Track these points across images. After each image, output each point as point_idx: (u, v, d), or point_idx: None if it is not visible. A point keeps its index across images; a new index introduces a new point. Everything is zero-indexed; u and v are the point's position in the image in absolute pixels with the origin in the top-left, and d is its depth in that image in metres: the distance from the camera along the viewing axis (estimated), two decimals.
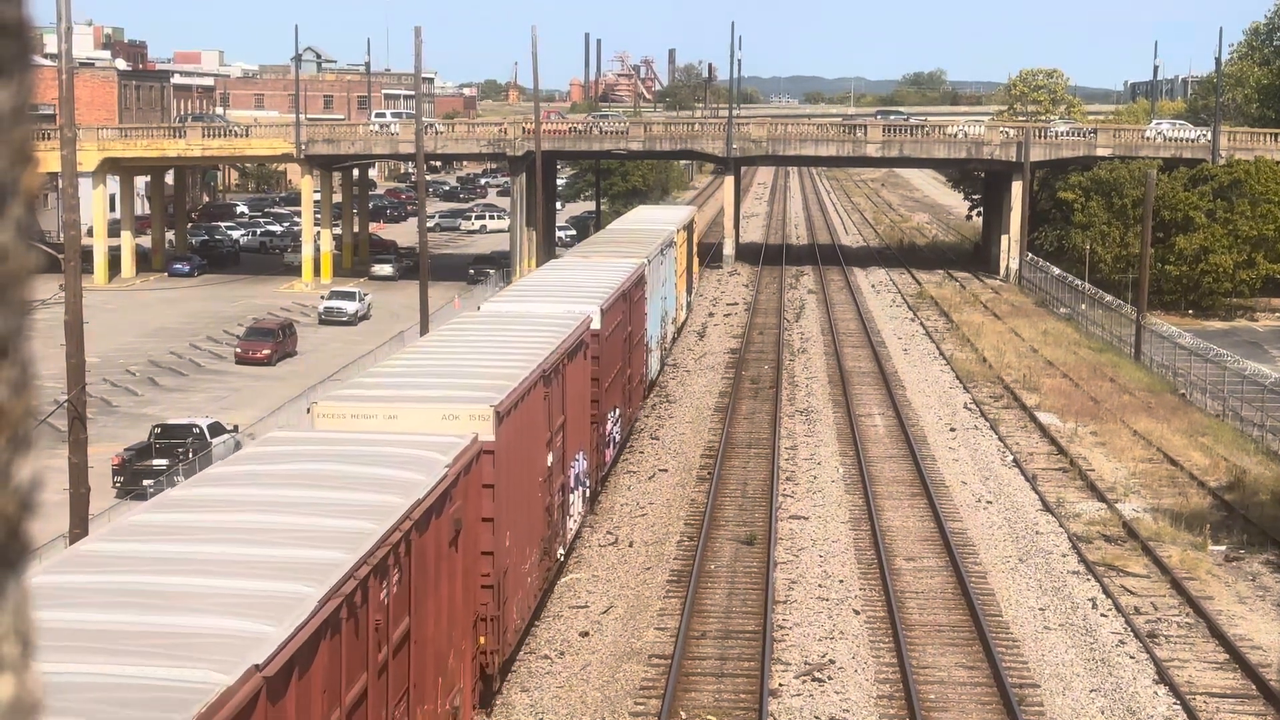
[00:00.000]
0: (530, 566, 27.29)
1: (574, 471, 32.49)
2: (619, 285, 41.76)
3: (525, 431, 26.15)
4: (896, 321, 75.35)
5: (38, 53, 8.86)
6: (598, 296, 38.73)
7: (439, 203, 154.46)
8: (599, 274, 43.97)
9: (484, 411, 23.56)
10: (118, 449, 44.53)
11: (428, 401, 24.24)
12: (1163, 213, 79.87)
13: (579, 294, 39.25)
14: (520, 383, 26.01)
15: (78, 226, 27.82)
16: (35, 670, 1.79)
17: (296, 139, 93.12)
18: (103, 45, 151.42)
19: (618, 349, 40.85)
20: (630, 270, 45.40)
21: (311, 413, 24.30)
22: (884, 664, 28.05)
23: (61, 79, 27.09)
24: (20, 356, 1.77)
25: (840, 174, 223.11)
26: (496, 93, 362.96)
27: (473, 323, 35.38)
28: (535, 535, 27.82)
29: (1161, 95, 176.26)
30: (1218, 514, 38.95)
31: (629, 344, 43.60)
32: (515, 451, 25.15)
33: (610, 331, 38.69)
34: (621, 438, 42.92)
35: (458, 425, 23.21)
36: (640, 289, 46.82)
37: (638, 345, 46.35)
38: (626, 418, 43.64)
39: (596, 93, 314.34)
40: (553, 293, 39.95)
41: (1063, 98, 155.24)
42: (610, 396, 39.04)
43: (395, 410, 23.78)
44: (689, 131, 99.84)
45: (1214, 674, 27.95)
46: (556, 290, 40.44)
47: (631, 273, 45.11)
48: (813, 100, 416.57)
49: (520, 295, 40.47)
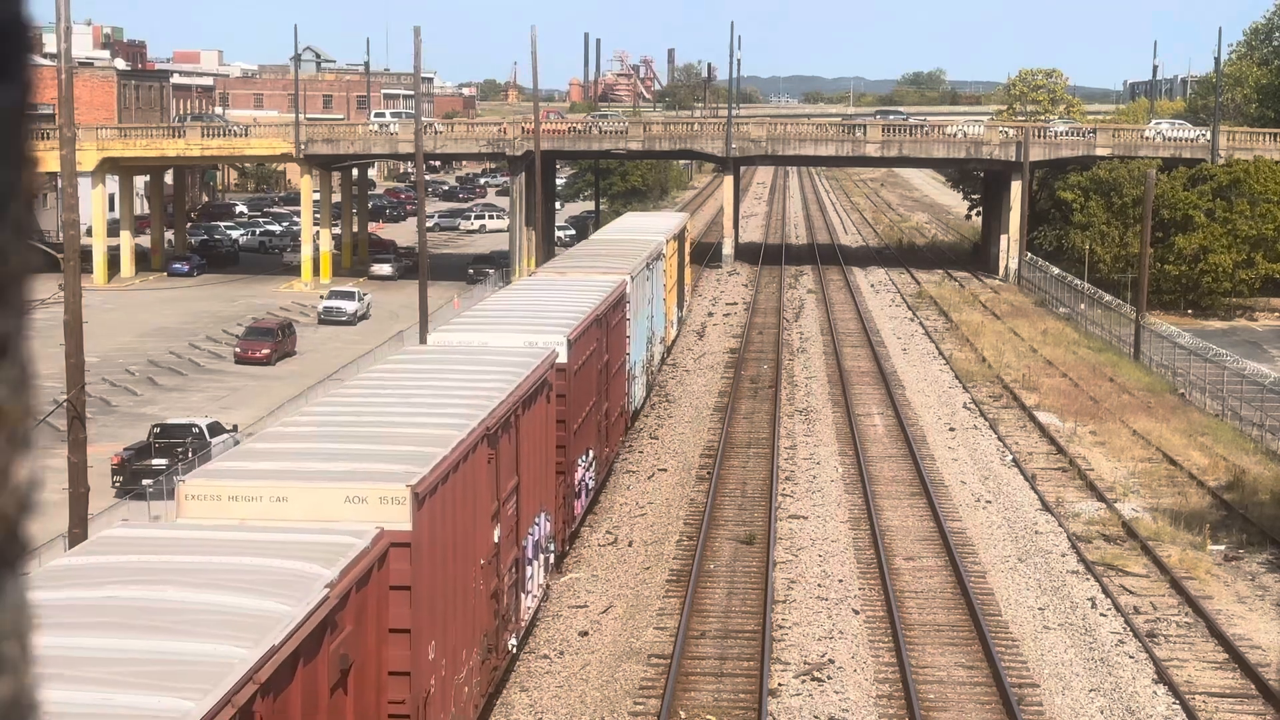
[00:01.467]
0: (468, 673, 22.27)
1: (532, 539, 27.37)
2: (594, 309, 37.23)
3: (459, 508, 21.34)
4: (896, 321, 75.34)
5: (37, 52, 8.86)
6: (566, 324, 34.14)
7: (438, 202, 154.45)
8: (572, 295, 39.51)
9: (397, 493, 18.68)
10: (117, 449, 44.52)
11: (328, 479, 19.20)
12: (1162, 212, 79.86)
13: (545, 321, 34.72)
14: (454, 447, 21.26)
15: (77, 226, 27.81)
16: (34, 670, 1.79)
17: (296, 139, 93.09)
18: (102, 45, 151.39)
19: (591, 383, 36.36)
20: (608, 290, 40.75)
21: (178, 494, 19.15)
22: (883, 664, 28.05)
23: (61, 78, 27.08)
24: (20, 356, 1.77)
25: (839, 174, 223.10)
26: (496, 92, 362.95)
27: (414, 361, 30.32)
28: (474, 634, 22.69)
29: (1161, 95, 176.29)
30: (1217, 513, 38.95)
31: (606, 375, 38.95)
32: (443, 537, 20.35)
33: (582, 364, 34.19)
34: (597, 482, 38.05)
35: (364, 511, 18.53)
36: (621, 310, 42.27)
37: (617, 375, 41.50)
38: (603, 459, 38.81)
39: (596, 92, 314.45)
40: (515, 319, 35.47)
41: (1062, 97, 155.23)
42: (581, 439, 34.32)
43: (285, 490, 18.88)
44: (688, 131, 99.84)
45: (1213, 673, 27.95)
46: (520, 316, 36.08)
47: (610, 293, 40.46)
48: (812, 100, 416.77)
49: (477, 323, 35.26)
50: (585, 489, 35.41)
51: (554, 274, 46.55)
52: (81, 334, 27.88)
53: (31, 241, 1.79)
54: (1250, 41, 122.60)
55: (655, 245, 54.34)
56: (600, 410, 37.87)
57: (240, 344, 65.47)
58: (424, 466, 19.81)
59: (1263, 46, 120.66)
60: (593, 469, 36.47)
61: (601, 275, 44.04)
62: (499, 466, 24.21)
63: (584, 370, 34.63)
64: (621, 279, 43.37)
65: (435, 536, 19.95)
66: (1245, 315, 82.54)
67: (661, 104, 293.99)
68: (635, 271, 46.09)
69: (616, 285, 42.10)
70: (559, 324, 34.04)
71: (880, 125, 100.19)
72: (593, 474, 36.56)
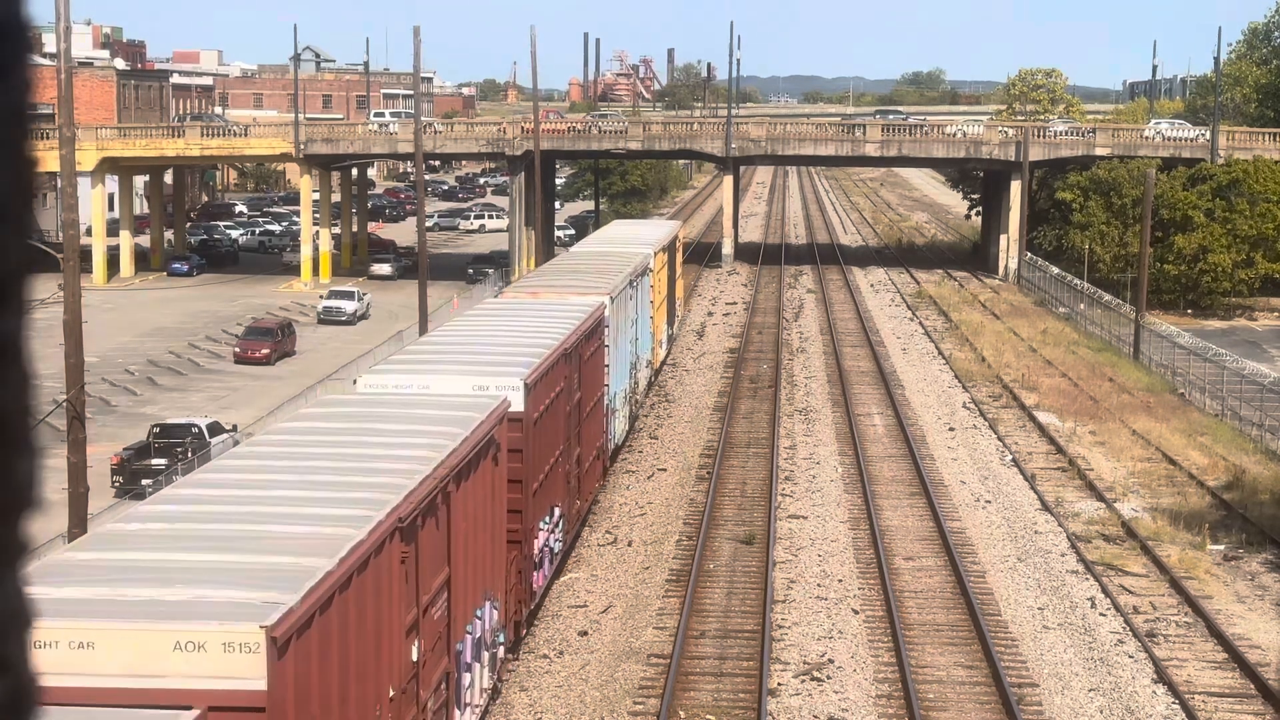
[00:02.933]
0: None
1: (471, 639, 22.56)
2: (563, 341, 32.30)
3: (353, 637, 16.62)
4: (895, 321, 75.36)
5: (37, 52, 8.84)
6: (526, 362, 28.98)
7: (438, 202, 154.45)
8: (540, 322, 34.52)
9: (247, 635, 14.06)
10: (116, 448, 44.54)
11: (152, 616, 14.36)
12: (1161, 212, 79.87)
13: (502, 359, 29.52)
14: (345, 556, 16.28)
15: (76, 226, 27.82)
16: (34, 668, 1.79)
17: (295, 138, 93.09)
18: (101, 45, 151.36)
19: (557, 429, 31.31)
20: (583, 315, 35.90)
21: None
22: (883, 663, 28.06)
23: (60, 78, 27.08)
24: (20, 356, 1.77)
25: (839, 173, 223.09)
26: (495, 92, 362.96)
27: (330, 417, 24.32)
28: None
29: (1160, 95, 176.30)
30: (1216, 513, 38.96)
31: (578, 415, 34.16)
32: (324, 687, 15.63)
33: (545, 409, 29.32)
34: (567, 542, 33.10)
35: (200, 663, 13.97)
36: (598, 338, 37.59)
37: (592, 413, 36.93)
38: (574, 516, 33.83)
39: (595, 92, 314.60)
40: (467, 357, 29.98)
41: (1061, 97, 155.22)
42: (544, 498, 29.58)
43: (92, 632, 14.07)
44: (688, 131, 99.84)
45: (1213, 673, 27.96)
46: (473, 353, 30.57)
47: (585, 319, 35.59)
48: (811, 100, 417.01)
49: (421, 362, 29.68)
50: (549, 555, 30.28)
51: (525, 294, 41.25)
52: (81, 334, 27.88)
53: (31, 241, 1.80)
54: (1250, 41, 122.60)
55: (641, 259, 49.73)
56: (570, 458, 33.01)
57: (240, 344, 65.46)
58: (294, 592, 14.84)
59: (1262, 46, 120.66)
60: (560, 528, 31.52)
61: (578, 296, 39.45)
62: (419, 563, 19.24)
63: (548, 416, 29.71)
64: (599, 301, 38.74)
65: (309, 690, 15.04)
66: (1245, 315, 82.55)
67: (661, 104, 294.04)
68: (617, 291, 41.55)
69: (593, 309, 37.33)
70: (517, 363, 28.87)
71: (880, 125, 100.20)
72: (560, 534, 31.62)
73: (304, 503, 18.27)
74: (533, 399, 27.84)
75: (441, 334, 34.77)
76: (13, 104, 1.74)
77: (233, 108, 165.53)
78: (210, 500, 18.53)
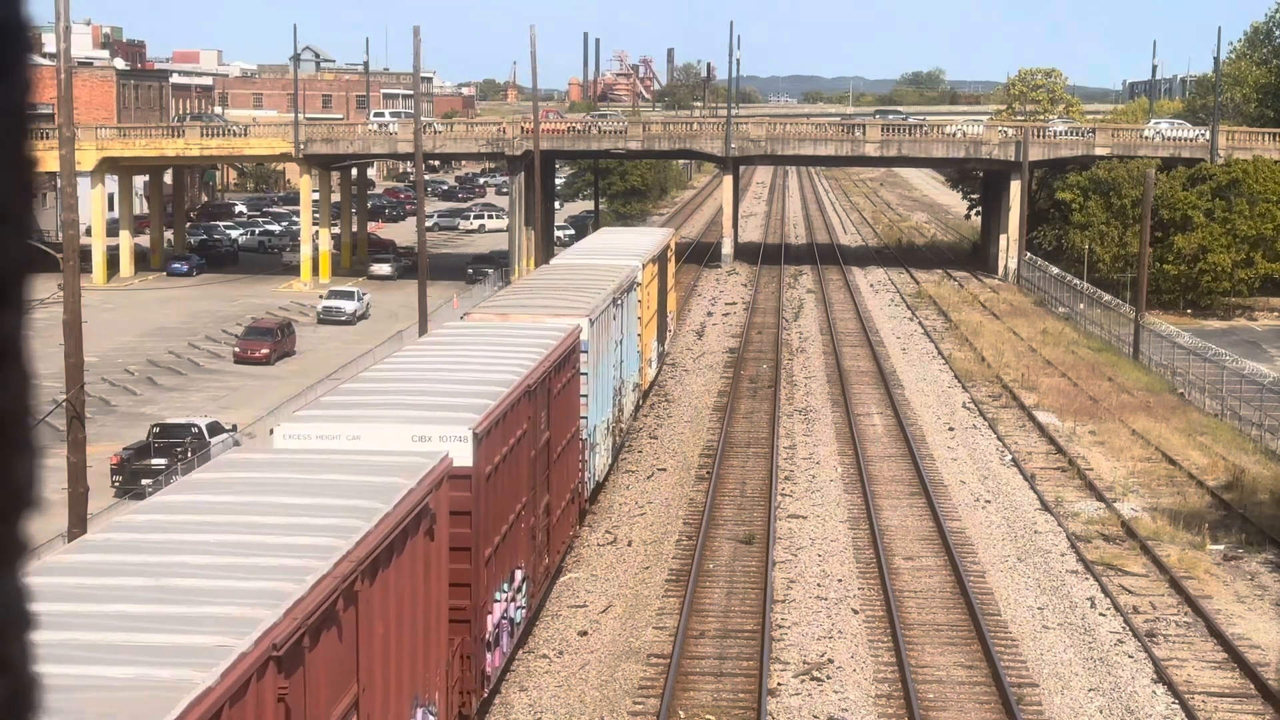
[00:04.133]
0: None
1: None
2: (525, 375, 27.94)
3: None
4: (895, 321, 75.37)
5: (36, 52, 8.76)
6: (477, 406, 24.56)
7: (437, 202, 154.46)
8: (503, 353, 30.21)
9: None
10: (116, 448, 44.55)
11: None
12: (1161, 212, 79.89)
13: (450, 400, 25.09)
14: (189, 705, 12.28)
15: (76, 226, 27.82)
16: (34, 669, 1.79)
17: (295, 138, 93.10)
18: (101, 44, 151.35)
19: (519, 478, 26.93)
20: (555, 341, 31.82)
21: None
22: (882, 663, 28.06)
23: (60, 78, 27.09)
24: (20, 356, 1.77)
25: (839, 173, 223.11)
26: (495, 92, 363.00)
27: (221, 487, 19.22)
28: None
29: (1160, 95, 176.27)
30: (1216, 513, 38.97)
31: (546, 458, 30.00)
32: None
33: (501, 458, 24.91)
34: (532, 609, 28.79)
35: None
36: (572, 365, 33.68)
37: (566, 452, 32.78)
38: (540, 573, 29.47)
39: (595, 92, 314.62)
40: (410, 398, 25.41)
41: (1061, 97, 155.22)
42: (501, 563, 25.13)
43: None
44: (687, 131, 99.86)
45: (1212, 673, 27.96)
46: (418, 392, 26.00)
47: (557, 346, 31.50)
48: (811, 100, 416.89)
49: (353, 406, 24.93)
50: (508, 629, 26.02)
51: (493, 316, 37.02)
52: (81, 334, 27.88)
53: (31, 241, 1.80)
54: (1250, 41, 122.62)
55: (628, 273, 45.97)
56: (537, 509, 28.89)
57: (239, 344, 65.46)
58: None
59: (1262, 46, 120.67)
60: (524, 592, 27.32)
61: (552, 319, 35.37)
62: (309, 694, 15.22)
63: (507, 466, 25.48)
64: (575, 325, 34.84)
65: None
66: (1244, 315, 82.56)
67: (661, 104, 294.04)
68: (598, 311, 37.69)
69: (568, 334, 33.39)
70: (467, 406, 24.42)
71: (879, 125, 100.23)
72: (524, 599, 27.35)
73: (145, 627, 13.83)
74: (484, 450, 23.49)
75: (387, 368, 29.36)
76: (13, 104, 1.74)
77: (232, 108, 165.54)
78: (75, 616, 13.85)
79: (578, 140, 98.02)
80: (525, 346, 30.75)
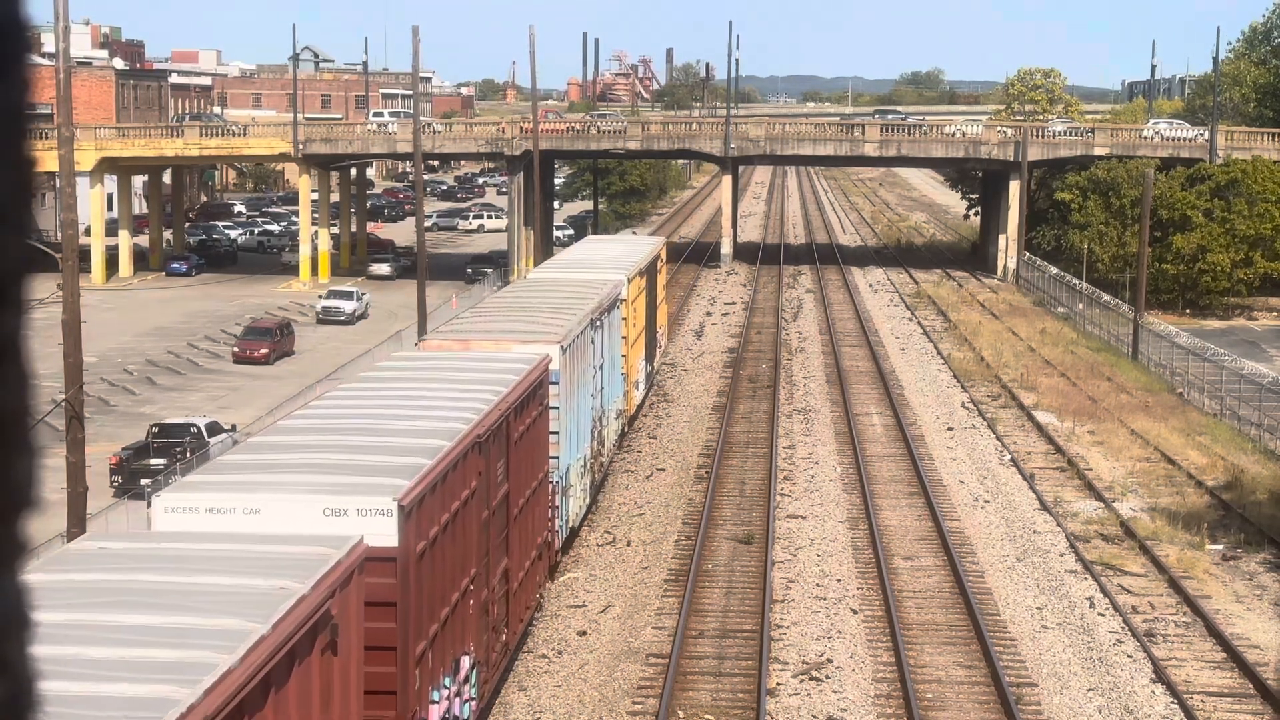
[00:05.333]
0: None
1: None
2: (475, 425, 23.18)
3: None
4: (894, 321, 75.38)
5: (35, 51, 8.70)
6: (408, 468, 20.12)
7: (437, 202, 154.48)
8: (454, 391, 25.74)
9: None
10: (115, 448, 44.54)
11: None
12: (1160, 212, 79.89)
13: (378, 459, 20.59)
14: None
15: (75, 226, 27.82)
16: (34, 669, 1.79)
17: (294, 138, 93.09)
18: (100, 44, 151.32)
19: (465, 547, 22.50)
20: (515, 379, 27.03)
21: None
22: (882, 663, 28.07)
23: (59, 78, 27.08)
24: (19, 356, 1.77)
25: (838, 173, 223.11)
26: (494, 92, 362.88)
27: (53, 600, 14.16)
28: None
29: (1159, 95, 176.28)
30: (1215, 513, 38.97)
31: (505, 514, 25.60)
32: None
33: (440, 530, 20.63)
34: (486, 696, 24.43)
35: None
36: (537, 403, 28.83)
37: (532, 502, 28.31)
38: (495, 655, 24.99)
39: (594, 92, 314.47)
40: (329, 456, 20.76)
41: (1060, 97, 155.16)
42: (443, 651, 20.91)
43: None
44: (687, 131, 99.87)
45: (1211, 673, 27.97)
46: (342, 446, 21.36)
47: (518, 384, 26.85)
48: (810, 99, 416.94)
49: (258, 469, 20.31)
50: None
51: (453, 343, 32.42)
52: (80, 334, 27.88)
53: (30, 241, 1.80)
54: (1249, 41, 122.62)
55: (610, 289, 42.20)
56: (491, 577, 24.46)
57: (238, 344, 65.45)
58: None
59: (1261, 46, 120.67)
60: (474, 681, 22.99)
61: (520, 345, 31.43)
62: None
63: (446, 540, 21.07)
64: (544, 354, 30.59)
65: None
66: (1243, 315, 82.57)
67: (660, 104, 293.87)
68: (572, 336, 33.67)
69: (535, 365, 29.09)
70: (396, 469, 20.04)
71: (879, 125, 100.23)
72: (473, 689, 22.95)
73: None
74: (415, 525, 19.14)
75: (312, 414, 24.59)
76: (12, 104, 1.74)
77: (231, 107, 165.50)
78: None
79: (577, 140, 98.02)
80: (483, 384, 26.43)
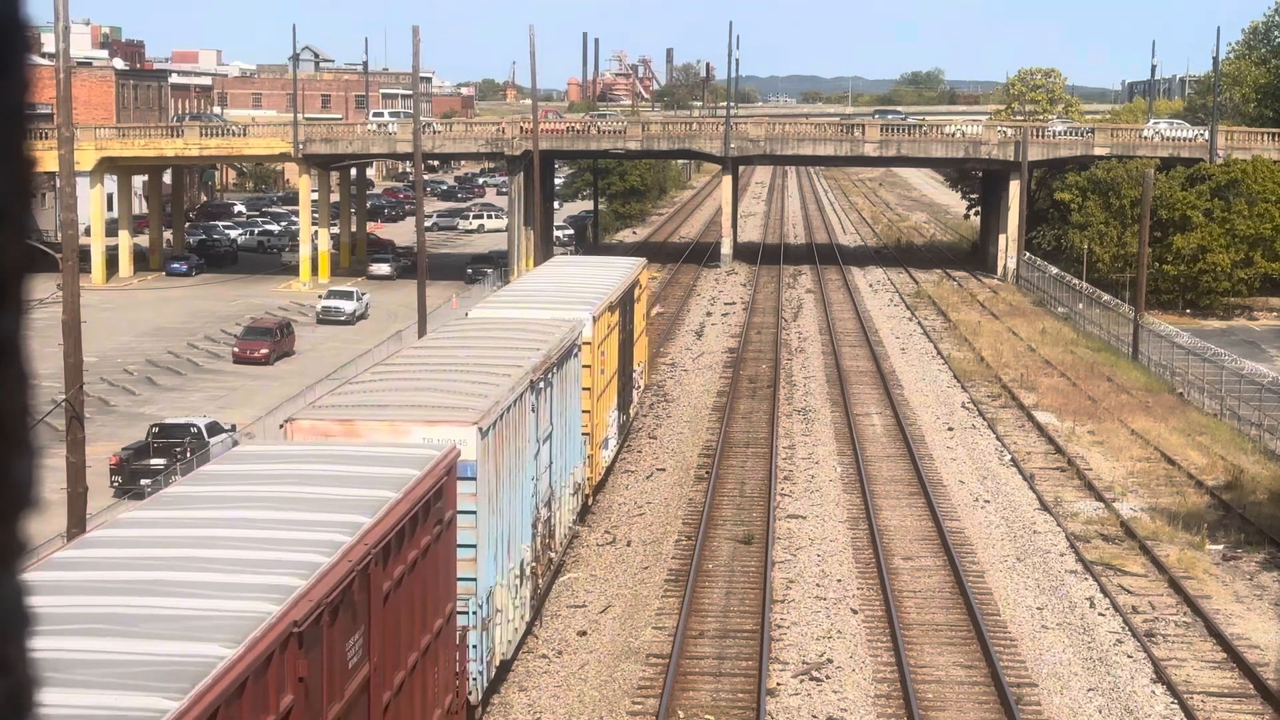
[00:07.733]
0: None
1: None
2: (288, 606, 14.48)
3: None
4: (894, 321, 75.38)
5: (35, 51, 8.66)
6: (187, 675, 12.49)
7: (437, 202, 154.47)
8: (288, 534, 16.59)
9: None
10: (115, 448, 44.52)
11: None
12: (1160, 212, 79.90)
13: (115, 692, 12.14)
14: None
15: (75, 226, 27.82)
16: (34, 669, 1.79)
17: (294, 138, 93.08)
18: (100, 44, 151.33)
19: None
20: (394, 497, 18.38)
21: None
22: (882, 663, 28.06)
23: (59, 78, 27.08)
24: (19, 356, 1.77)
25: (838, 173, 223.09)
26: (494, 92, 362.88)
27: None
28: None
29: (1159, 94, 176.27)
30: (1215, 513, 38.97)
31: (364, 703, 16.98)
32: None
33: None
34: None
35: None
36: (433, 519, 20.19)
37: (421, 666, 19.57)
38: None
39: (594, 92, 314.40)
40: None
41: (1060, 97, 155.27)
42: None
43: None
44: (687, 131, 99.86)
45: (1211, 673, 27.96)
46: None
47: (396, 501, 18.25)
48: (810, 100, 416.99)
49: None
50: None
51: (331, 423, 23.46)
52: (80, 334, 27.88)
53: (30, 241, 1.80)
54: (1249, 41, 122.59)
55: (567, 331, 33.89)
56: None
57: (238, 344, 65.44)
58: None
59: (1261, 46, 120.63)
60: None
61: (421, 427, 22.94)
62: None
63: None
64: (451, 442, 22.11)
65: None
66: (1243, 315, 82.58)
67: (660, 104, 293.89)
68: (499, 410, 24.65)
69: (435, 463, 20.40)
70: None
71: (879, 125, 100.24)
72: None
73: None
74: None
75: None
76: (12, 104, 1.74)
77: (231, 107, 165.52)
78: None
79: (577, 140, 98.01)
80: (344, 506, 17.87)
